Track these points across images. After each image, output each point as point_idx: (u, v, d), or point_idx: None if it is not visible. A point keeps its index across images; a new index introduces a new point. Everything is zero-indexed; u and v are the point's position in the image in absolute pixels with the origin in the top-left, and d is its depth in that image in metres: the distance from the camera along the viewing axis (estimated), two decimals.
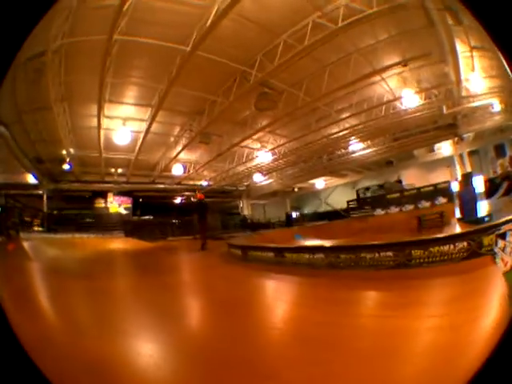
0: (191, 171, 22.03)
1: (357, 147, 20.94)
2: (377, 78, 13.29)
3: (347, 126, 16.88)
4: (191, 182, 24.28)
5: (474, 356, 2.10)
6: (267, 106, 13.19)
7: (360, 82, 12.85)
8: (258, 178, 26.00)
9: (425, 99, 14.49)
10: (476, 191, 13.42)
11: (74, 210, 23.43)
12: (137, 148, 17.40)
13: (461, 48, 11.07)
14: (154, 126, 14.92)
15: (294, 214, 32.50)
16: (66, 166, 19.27)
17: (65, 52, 10.55)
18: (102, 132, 15.38)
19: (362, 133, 17.98)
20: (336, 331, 3.23)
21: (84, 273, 8.32)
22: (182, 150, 18.03)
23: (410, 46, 11.40)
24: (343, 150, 21.45)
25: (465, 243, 5.27)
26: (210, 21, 8.64)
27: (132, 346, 3.12)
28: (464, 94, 13.63)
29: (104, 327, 3.59)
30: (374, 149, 20.85)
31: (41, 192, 21.25)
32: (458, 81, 12.74)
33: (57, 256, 11.92)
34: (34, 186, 20.96)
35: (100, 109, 13.15)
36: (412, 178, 22.35)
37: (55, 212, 21.99)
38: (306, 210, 34.91)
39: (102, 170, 20.58)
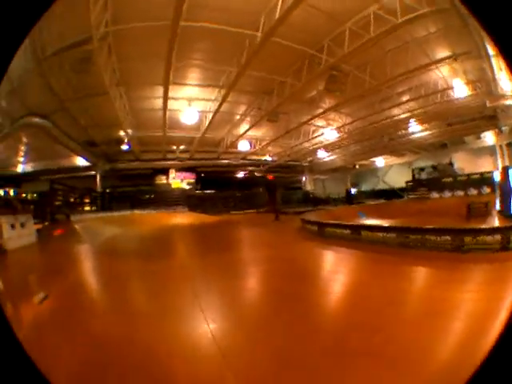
0: (257, 147, 22.76)
1: (415, 129, 21.41)
2: (432, 66, 13.66)
3: (407, 108, 17.55)
4: (255, 157, 24.98)
5: (496, 318, 2.93)
6: (337, 88, 13.56)
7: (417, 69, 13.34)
8: (321, 154, 26.44)
9: (472, 91, 15.07)
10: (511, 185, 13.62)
11: (131, 187, 24.82)
12: (204, 126, 18.03)
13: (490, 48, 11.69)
14: (216, 104, 15.32)
15: (353, 191, 32.60)
16: (124, 147, 20.48)
17: (113, 39, 11.11)
18: (163, 112, 16.04)
19: (420, 116, 18.65)
20: (399, 296, 4.14)
21: (153, 253, 8.47)
22: (251, 127, 18.79)
23: (457, 42, 11.97)
24: (403, 131, 21.86)
25: (499, 237, 5.95)
26: (278, 8, 8.91)
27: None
28: (499, 90, 14.26)
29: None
30: (431, 132, 21.30)
31: (93, 173, 22.55)
32: (493, 78, 13.58)
33: (115, 235, 12.11)
34: (86, 168, 22.28)
35: (166, 91, 13.67)
36: (462, 162, 23.00)
37: (109, 190, 23.45)
38: (364, 187, 34.94)
39: (163, 148, 21.56)
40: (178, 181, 24.96)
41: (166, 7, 9.00)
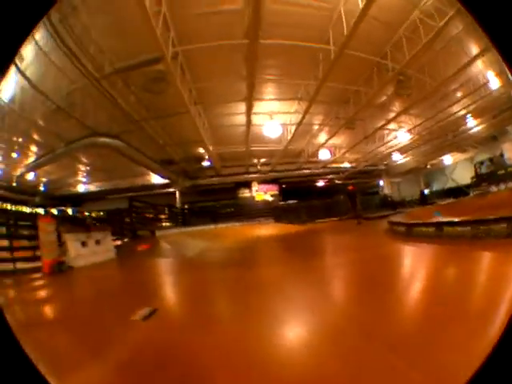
0: (336, 155, 23.25)
1: (471, 124, 21.62)
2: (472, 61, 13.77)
3: (462, 104, 17.77)
4: (335, 165, 25.43)
5: None
6: (405, 92, 14.36)
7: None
8: (396, 157, 26.71)
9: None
10: None
11: (212, 202, 26.00)
12: (286, 138, 18.72)
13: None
14: (300, 117, 16.06)
15: (426, 191, 31.88)
16: (205, 163, 21.54)
17: (185, 59, 11.94)
18: (246, 127, 16.97)
19: (473, 111, 18.99)
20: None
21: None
22: (331, 136, 19.53)
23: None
24: (463, 127, 22.08)
25: None
26: (344, 22, 9.99)
27: None
28: None
29: None
30: (482, 125, 21.32)
31: (172, 190, 23.84)
32: None
33: (202, 249, 12.44)
34: (165, 185, 23.55)
35: (250, 106, 14.72)
36: (510, 152, 22.43)
37: (190, 206, 24.57)
38: (435, 187, 34.17)
39: (246, 161, 22.54)
40: (261, 193, 25.73)
41: (237, 26, 10.15)
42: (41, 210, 19.93)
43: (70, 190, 24.42)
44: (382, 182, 31.68)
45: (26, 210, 20.22)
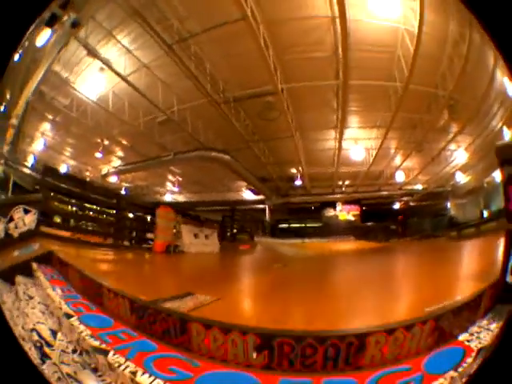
0: (410, 177, 24.81)
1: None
2: None
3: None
4: (409, 187, 26.08)
5: None
6: (457, 116, 16.60)
7: None
8: (458, 177, 26.41)
9: None
10: None
11: (298, 219, 27.60)
12: (368, 161, 21.30)
13: None
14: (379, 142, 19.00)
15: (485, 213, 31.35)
16: (298, 182, 23.77)
17: (288, 93, 15.27)
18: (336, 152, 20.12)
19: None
20: None
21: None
22: (406, 159, 21.87)
23: None
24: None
25: None
26: (403, 62, 13.19)
27: None
28: None
29: None
30: None
31: (262, 206, 25.55)
32: None
33: (296, 253, 15.38)
34: (258, 201, 25.44)
35: (341, 134, 18.10)
36: None
37: (278, 221, 26.53)
38: (493, 207, 33.06)
39: (333, 182, 24.74)
40: (344, 213, 26.91)
41: (329, 70, 13.92)
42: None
43: (155, 198, 25.59)
44: (448, 204, 31.42)
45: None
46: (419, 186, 27.29)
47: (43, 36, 11.96)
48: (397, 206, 29.32)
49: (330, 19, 12.15)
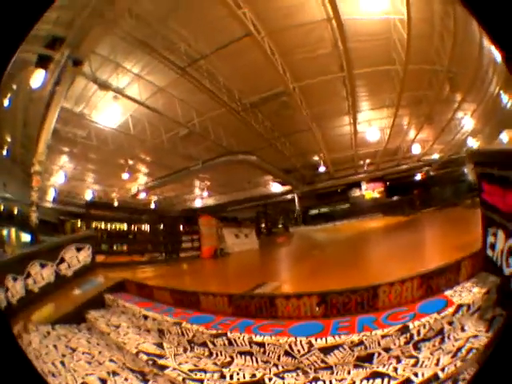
0: (426, 148, 25.80)
1: None
2: None
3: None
4: (426, 158, 27.05)
5: None
6: (457, 86, 17.61)
7: None
8: (470, 142, 26.62)
9: None
10: None
11: (327, 203, 28.75)
12: (386, 139, 22.55)
13: None
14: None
15: None
16: (321, 168, 25.11)
17: (301, 91, 16.74)
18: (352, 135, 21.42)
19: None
20: None
21: None
22: (419, 132, 23.02)
23: None
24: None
25: None
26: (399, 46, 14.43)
27: None
28: None
29: None
30: None
31: (289, 196, 26.91)
32: None
33: (332, 239, 16.69)
34: (286, 192, 26.85)
35: (354, 118, 19.43)
36: None
37: (307, 208, 27.83)
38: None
39: (354, 164, 25.99)
40: (370, 191, 28.01)
41: (332, 64, 15.33)
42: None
43: (184, 206, 27.03)
44: (465, 170, 31.43)
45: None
46: (436, 156, 27.89)
47: (37, 77, 12.49)
48: (418, 177, 29.87)
49: (325, 19, 13.38)
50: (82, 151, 18.54)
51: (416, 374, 2.85)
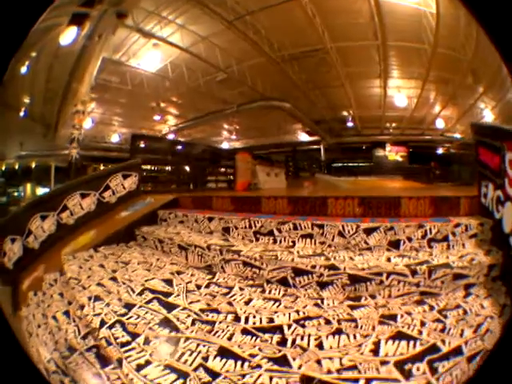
0: (449, 125, 26.41)
1: None
2: None
3: None
4: (449, 134, 27.34)
5: None
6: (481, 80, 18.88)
7: None
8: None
9: None
10: None
11: (350, 158, 29.98)
12: (412, 107, 23.76)
13: None
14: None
15: None
16: (349, 124, 26.29)
17: (337, 51, 18.05)
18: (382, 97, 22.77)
19: None
20: None
21: None
22: (443, 109, 24.18)
23: None
24: None
25: None
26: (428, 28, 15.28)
27: None
28: None
29: None
30: None
31: (316, 147, 28.22)
32: None
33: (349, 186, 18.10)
34: (314, 142, 28.06)
35: (385, 83, 20.96)
36: None
37: (332, 160, 29.12)
38: None
39: (381, 125, 26.96)
40: (393, 153, 28.96)
41: (369, 31, 16.45)
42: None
43: (212, 147, 27.37)
44: None
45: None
46: (458, 136, 27.79)
47: (69, 35, 13.06)
48: (440, 151, 30.26)
49: None
50: (114, 96, 19.62)
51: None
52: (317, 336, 2.95)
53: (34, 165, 18.22)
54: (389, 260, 4.12)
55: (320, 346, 2.80)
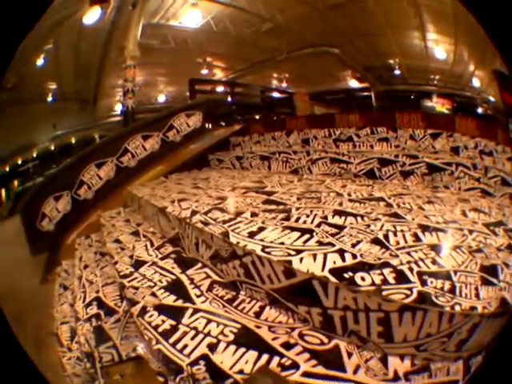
0: (483, 86, 23.41)
1: None
2: None
3: None
4: (485, 95, 23.79)
5: None
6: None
7: None
8: None
9: None
10: None
11: (400, 107, 28.20)
12: (451, 61, 23.96)
13: None
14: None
15: None
16: (396, 71, 26.61)
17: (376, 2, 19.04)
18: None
19: None
20: None
21: None
22: (475, 70, 23.53)
23: None
24: None
25: None
26: None
27: None
28: None
29: None
30: None
31: (366, 94, 27.95)
32: None
33: None
34: (364, 89, 27.71)
35: (424, 35, 21.69)
36: None
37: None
38: None
39: (426, 76, 27.10)
40: (440, 105, 27.40)
41: None
42: None
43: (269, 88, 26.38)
44: None
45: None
46: (492, 99, 27.96)
47: (93, 14, 13.80)
48: (479, 110, 30.00)
49: None
50: (158, 58, 19.54)
51: None
52: (415, 203, 3.47)
53: (73, 140, 18.23)
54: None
55: (421, 209, 3.30)
